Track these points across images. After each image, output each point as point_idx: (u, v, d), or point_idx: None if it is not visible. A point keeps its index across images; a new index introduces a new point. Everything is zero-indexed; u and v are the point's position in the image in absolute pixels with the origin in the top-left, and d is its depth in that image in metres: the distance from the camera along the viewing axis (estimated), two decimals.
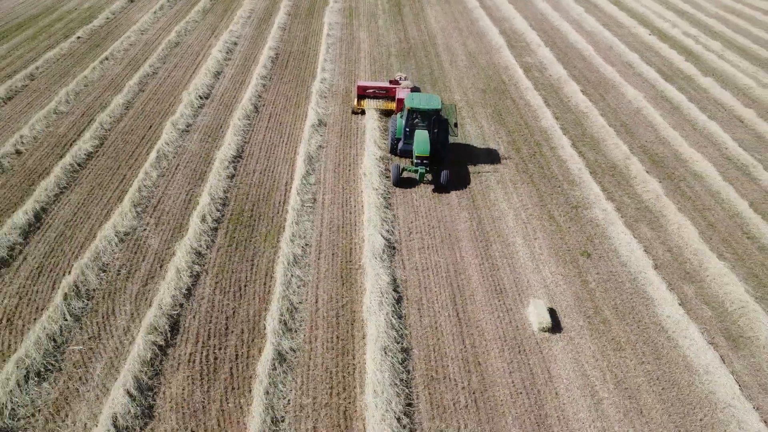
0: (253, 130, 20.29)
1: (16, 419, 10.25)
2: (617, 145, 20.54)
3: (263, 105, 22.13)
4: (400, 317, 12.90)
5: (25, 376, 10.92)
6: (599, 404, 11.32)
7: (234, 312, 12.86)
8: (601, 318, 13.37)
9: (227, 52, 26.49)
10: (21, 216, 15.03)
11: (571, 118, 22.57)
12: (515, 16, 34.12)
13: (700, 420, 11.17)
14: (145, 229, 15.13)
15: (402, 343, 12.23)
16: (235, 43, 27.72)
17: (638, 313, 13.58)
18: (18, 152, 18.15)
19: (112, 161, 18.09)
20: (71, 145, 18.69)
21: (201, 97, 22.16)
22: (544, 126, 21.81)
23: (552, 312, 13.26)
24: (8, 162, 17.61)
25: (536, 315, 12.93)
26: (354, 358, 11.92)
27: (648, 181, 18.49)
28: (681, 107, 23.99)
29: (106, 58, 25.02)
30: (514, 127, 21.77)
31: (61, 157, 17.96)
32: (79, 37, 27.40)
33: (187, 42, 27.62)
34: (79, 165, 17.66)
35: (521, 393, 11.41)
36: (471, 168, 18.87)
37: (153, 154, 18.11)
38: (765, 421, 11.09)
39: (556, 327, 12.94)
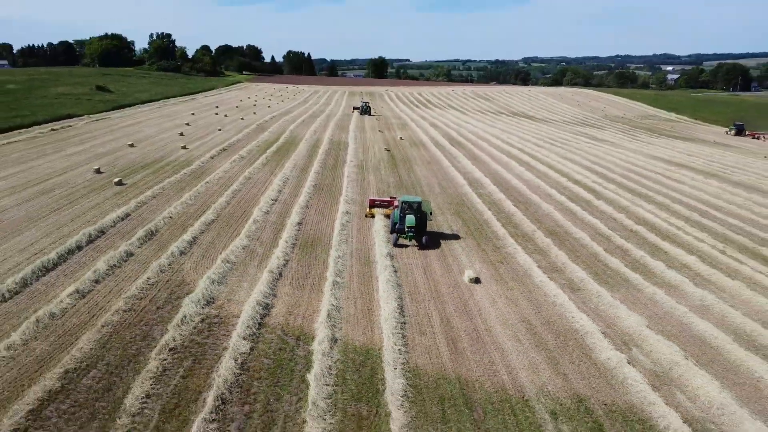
0: (306, 214, 33.27)
1: (212, 296, 21.54)
2: (530, 225, 33.40)
3: (311, 204, 35.47)
4: (396, 277, 24.52)
5: (212, 282, 22.35)
6: (495, 303, 22.52)
7: (308, 272, 24.53)
8: (504, 281, 24.91)
9: (283, 182, 40.69)
10: (185, 237, 27.29)
11: (503, 216, 35.73)
12: (476, 171, 49.41)
13: (545, 306, 22.32)
14: (254, 247, 27.28)
15: (396, 282, 23.75)
16: (288, 179, 42.11)
17: (524, 281, 25.12)
18: (171, 217, 30.92)
19: (226, 223, 30.74)
20: (200, 216, 31.45)
21: (272, 200, 35.58)
22: (486, 218, 34.86)
23: (477, 278, 24.90)
24: (167, 221, 30.25)
25: (467, 276, 24.60)
26: (371, 287, 23.34)
27: (544, 240, 30.92)
28: (577, 213, 37.30)
29: (207, 182, 39.06)
30: (467, 219, 34.82)
31: (197, 220, 30.65)
32: (184, 172, 41.83)
33: (256, 177, 42.04)
34: (207, 224, 30.25)
35: (456, 299, 22.68)
36: (441, 238, 31.33)
37: (250, 220, 30.88)
38: (570, 289, 22.22)
39: (478, 282, 24.51)
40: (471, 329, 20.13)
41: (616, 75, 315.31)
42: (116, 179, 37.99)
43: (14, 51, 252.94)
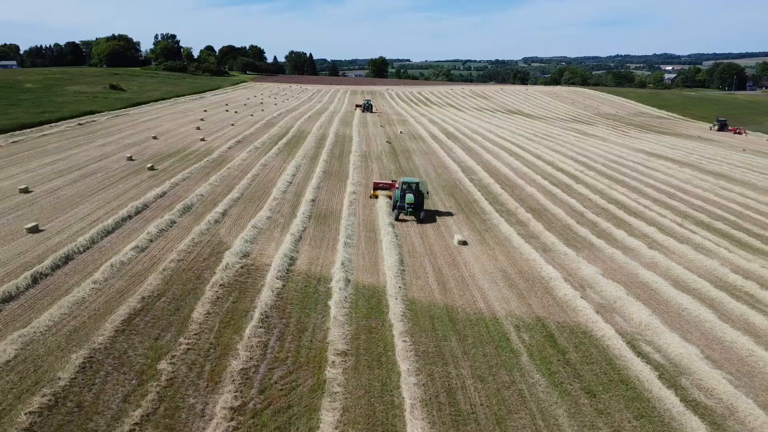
0: (318, 194, 38.10)
1: (247, 251, 26.35)
2: (513, 203, 38.22)
3: (322, 186, 40.30)
4: (397, 240, 29.32)
5: (245, 242, 27.16)
6: (479, 258, 27.32)
7: (323, 236, 29.34)
8: (487, 244, 29.73)
9: (296, 169, 45.54)
10: (217, 210, 32.12)
11: (491, 196, 40.55)
12: (469, 160, 54.24)
13: (520, 262, 27.11)
14: (276, 217, 32.10)
15: (397, 243, 28.56)
16: (300, 166, 46.96)
17: (504, 244, 29.95)
18: (202, 195, 35.76)
19: (250, 200, 35.57)
20: (226, 195, 36.29)
21: (288, 183, 40.42)
22: (475, 198, 39.69)
23: (464, 241, 29.69)
24: (199, 198, 35.09)
25: (456, 239, 29.42)
26: (376, 247, 28.16)
27: (525, 215, 35.72)
28: (557, 195, 42.10)
29: (228, 168, 43.90)
30: (459, 198, 39.65)
31: (224, 197, 35.49)
32: (206, 160, 46.66)
33: (272, 164, 46.88)
34: (234, 201, 35.08)
35: (446, 256, 27.48)
36: (436, 214, 36.15)
37: (270, 197, 35.70)
38: (543, 250, 26.97)
39: (465, 244, 29.31)
40: (457, 276, 24.94)
41: (614, 74, 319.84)
42: (148, 165, 42.83)
43: (21, 51, 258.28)
